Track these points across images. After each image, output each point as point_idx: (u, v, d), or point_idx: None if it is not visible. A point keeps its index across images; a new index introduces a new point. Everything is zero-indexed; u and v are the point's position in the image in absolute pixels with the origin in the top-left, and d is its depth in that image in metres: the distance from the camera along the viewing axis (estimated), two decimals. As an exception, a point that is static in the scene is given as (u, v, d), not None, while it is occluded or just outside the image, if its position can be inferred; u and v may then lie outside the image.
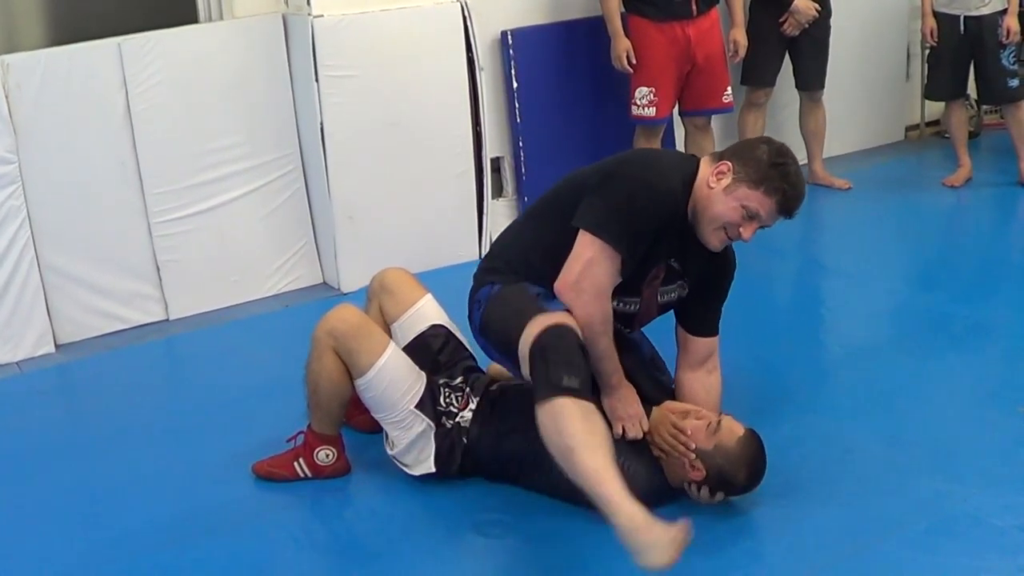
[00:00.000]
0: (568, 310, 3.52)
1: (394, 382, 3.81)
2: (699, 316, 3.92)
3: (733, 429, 3.64)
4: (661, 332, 4.02)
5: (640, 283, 3.71)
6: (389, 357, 3.82)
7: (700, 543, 3.38)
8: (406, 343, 4.08)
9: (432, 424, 3.83)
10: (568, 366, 3.34)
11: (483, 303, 3.76)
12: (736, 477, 3.62)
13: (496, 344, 3.74)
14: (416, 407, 3.83)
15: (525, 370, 3.48)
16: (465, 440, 3.84)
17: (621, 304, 3.72)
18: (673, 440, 3.65)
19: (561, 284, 3.57)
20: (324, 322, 3.87)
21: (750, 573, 3.40)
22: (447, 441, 3.83)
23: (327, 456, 3.97)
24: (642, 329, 4.01)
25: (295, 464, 4.00)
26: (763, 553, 3.52)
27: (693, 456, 3.60)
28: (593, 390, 3.51)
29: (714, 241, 3.65)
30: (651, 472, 3.65)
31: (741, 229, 3.59)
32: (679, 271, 3.77)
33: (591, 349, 3.54)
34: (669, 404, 3.78)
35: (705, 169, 3.65)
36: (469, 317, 3.88)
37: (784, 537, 3.55)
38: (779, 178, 3.55)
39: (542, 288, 3.64)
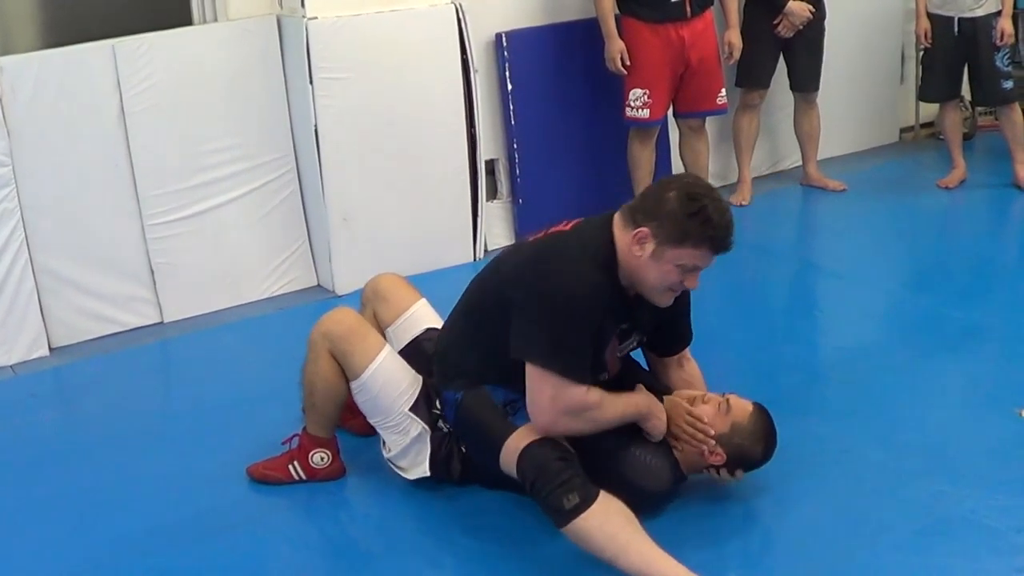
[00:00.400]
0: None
1: (388, 384, 3.81)
2: (667, 343, 3.92)
3: (743, 406, 3.71)
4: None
5: (602, 357, 3.64)
6: (384, 359, 3.82)
7: (693, 542, 3.41)
8: (401, 348, 4.06)
9: (427, 428, 3.82)
10: (560, 487, 3.35)
11: (452, 409, 3.73)
12: (755, 453, 3.69)
13: (477, 456, 3.76)
14: (411, 410, 3.82)
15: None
16: (465, 449, 3.82)
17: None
18: (692, 430, 3.65)
19: (540, 426, 3.49)
20: (320, 324, 3.87)
21: (743, 573, 3.40)
22: (444, 446, 3.82)
23: (322, 459, 3.96)
24: None
25: (290, 467, 4.00)
26: (756, 553, 3.53)
27: (713, 443, 3.63)
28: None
29: (663, 301, 3.57)
30: (672, 462, 3.66)
31: (685, 283, 3.50)
32: (630, 329, 3.71)
33: (603, 427, 3.55)
34: (675, 394, 3.79)
35: (622, 236, 3.49)
36: (438, 408, 3.83)
37: (778, 538, 3.56)
38: (700, 226, 3.38)
39: (501, 390, 3.63)
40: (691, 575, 3.19)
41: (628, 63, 6.16)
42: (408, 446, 3.84)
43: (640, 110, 6.25)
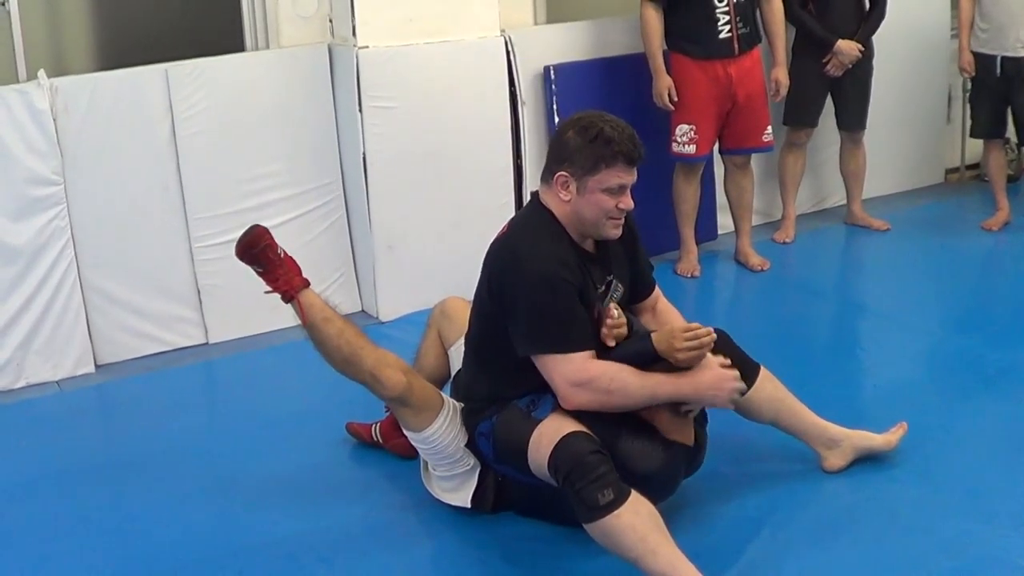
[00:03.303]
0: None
1: (448, 437, 3.83)
2: (636, 291, 3.95)
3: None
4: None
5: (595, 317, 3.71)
6: (447, 416, 3.83)
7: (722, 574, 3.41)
8: (459, 369, 4.11)
9: (479, 462, 3.86)
10: (596, 482, 3.37)
11: (488, 438, 3.75)
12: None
13: (518, 475, 3.75)
14: (467, 445, 3.85)
15: (550, 481, 3.53)
16: (503, 476, 3.85)
17: None
18: (691, 336, 3.61)
19: (568, 406, 3.56)
20: (393, 381, 3.78)
21: (775, 608, 3.41)
22: (488, 479, 3.86)
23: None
24: None
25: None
26: (789, 589, 3.53)
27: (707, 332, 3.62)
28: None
29: (611, 232, 3.70)
30: (662, 445, 3.65)
31: (619, 205, 3.63)
32: (611, 278, 3.79)
33: (634, 398, 3.57)
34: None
35: (549, 195, 3.69)
36: (475, 447, 3.84)
37: (809, 572, 3.56)
38: (605, 145, 3.59)
39: (525, 396, 3.68)
40: None
41: (675, 99, 6.19)
42: (458, 475, 3.88)
43: (686, 146, 6.27)
